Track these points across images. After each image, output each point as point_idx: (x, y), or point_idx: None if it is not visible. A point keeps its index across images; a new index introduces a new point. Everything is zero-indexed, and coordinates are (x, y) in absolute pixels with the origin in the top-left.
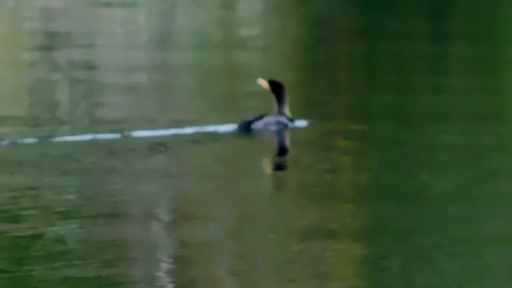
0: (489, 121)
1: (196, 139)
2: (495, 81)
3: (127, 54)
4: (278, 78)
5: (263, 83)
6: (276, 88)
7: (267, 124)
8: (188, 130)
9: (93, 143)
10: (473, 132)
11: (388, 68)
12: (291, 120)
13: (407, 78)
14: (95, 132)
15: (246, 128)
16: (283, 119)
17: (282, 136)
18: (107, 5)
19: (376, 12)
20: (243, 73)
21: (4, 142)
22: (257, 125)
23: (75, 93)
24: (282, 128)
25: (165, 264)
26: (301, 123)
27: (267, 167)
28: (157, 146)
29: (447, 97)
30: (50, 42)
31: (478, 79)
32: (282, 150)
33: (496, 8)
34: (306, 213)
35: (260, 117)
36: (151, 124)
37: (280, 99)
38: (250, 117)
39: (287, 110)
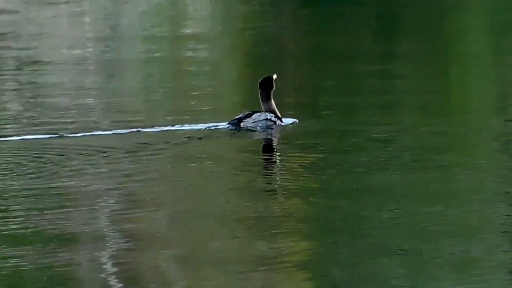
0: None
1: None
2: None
3: (73, 52)
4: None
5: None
6: (266, 84)
7: (255, 121)
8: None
9: (40, 142)
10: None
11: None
12: (279, 118)
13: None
14: (42, 132)
15: (235, 125)
16: (271, 116)
17: (269, 133)
18: (52, 3)
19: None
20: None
21: None
22: (246, 123)
23: (20, 93)
24: (271, 125)
25: (111, 254)
26: (288, 120)
27: (242, 165)
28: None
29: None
30: None
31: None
32: (266, 148)
33: (441, 28)
34: (261, 208)
35: (249, 114)
36: (97, 125)
37: (268, 96)
38: (239, 114)
39: (274, 107)
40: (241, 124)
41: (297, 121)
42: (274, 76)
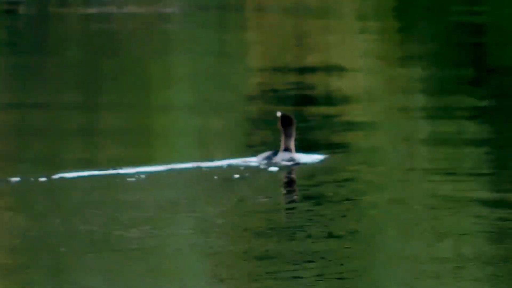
0: None
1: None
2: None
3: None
4: (289, 113)
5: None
6: (286, 122)
7: (283, 159)
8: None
9: None
10: None
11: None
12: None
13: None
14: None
15: (268, 162)
16: (294, 155)
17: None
18: None
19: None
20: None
21: None
22: (277, 159)
23: None
24: (295, 164)
25: None
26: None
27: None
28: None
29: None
30: None
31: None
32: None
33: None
34: None
35: (275, 153)
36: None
37: (288, 134)
38: (267, 153)
39: (292, 145)
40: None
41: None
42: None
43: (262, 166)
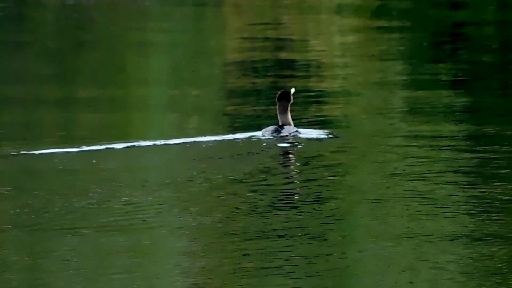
0: None
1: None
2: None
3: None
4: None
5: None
6: (284, 97)
7: (290, 133)
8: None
9: None
10: None
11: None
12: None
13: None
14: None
15: (277, 133)
16: (298, 129)
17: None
18: None
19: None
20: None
21: None
22: (284, 132)
23: None
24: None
25: None
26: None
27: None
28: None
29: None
30: None
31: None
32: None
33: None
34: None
35: (278, 128)
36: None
37: (285, 109)
38: (271, 127)
39: (288, 120)
40: (281, 133)
41: None
42: (292, 90)
43: (270, 140)
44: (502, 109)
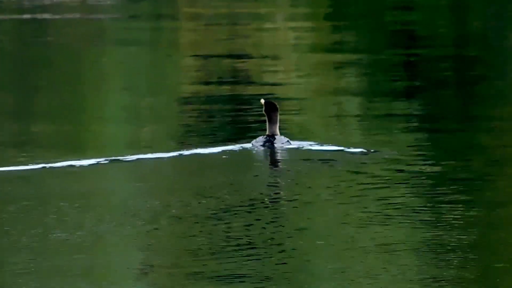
0: None
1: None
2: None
3: None
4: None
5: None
6: (271, 108)
7: (282, 143)
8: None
9: None
10: None
11: None
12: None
13: None
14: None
15: (269, 145)
16: (288, 139)
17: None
18: None
19: None
20: None
21: None
22: (277, 144)
23: None
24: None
25: None
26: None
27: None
28: None
29: None
30: None
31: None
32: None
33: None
34: None
35: (268, 138)
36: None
37: (273, 119)
38: (261, 138)
39: (277, 131)
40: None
41: None
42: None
43: (260, 151)
44: (460, 116)
